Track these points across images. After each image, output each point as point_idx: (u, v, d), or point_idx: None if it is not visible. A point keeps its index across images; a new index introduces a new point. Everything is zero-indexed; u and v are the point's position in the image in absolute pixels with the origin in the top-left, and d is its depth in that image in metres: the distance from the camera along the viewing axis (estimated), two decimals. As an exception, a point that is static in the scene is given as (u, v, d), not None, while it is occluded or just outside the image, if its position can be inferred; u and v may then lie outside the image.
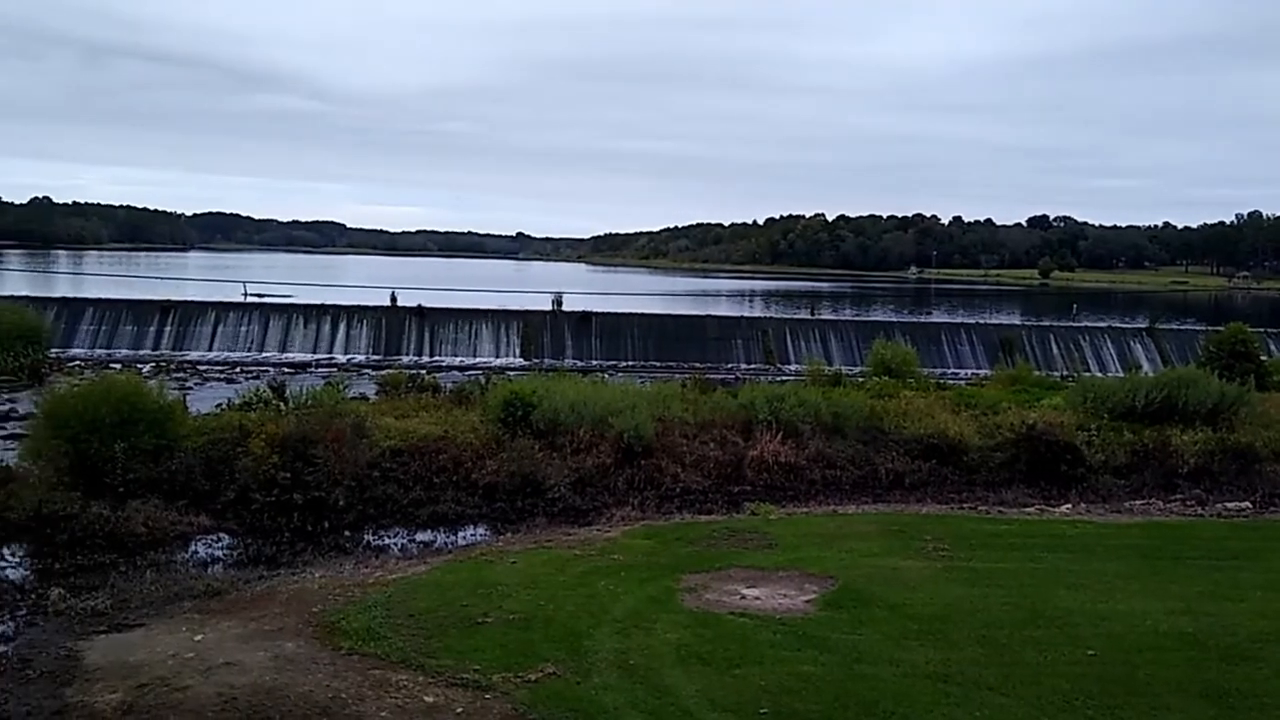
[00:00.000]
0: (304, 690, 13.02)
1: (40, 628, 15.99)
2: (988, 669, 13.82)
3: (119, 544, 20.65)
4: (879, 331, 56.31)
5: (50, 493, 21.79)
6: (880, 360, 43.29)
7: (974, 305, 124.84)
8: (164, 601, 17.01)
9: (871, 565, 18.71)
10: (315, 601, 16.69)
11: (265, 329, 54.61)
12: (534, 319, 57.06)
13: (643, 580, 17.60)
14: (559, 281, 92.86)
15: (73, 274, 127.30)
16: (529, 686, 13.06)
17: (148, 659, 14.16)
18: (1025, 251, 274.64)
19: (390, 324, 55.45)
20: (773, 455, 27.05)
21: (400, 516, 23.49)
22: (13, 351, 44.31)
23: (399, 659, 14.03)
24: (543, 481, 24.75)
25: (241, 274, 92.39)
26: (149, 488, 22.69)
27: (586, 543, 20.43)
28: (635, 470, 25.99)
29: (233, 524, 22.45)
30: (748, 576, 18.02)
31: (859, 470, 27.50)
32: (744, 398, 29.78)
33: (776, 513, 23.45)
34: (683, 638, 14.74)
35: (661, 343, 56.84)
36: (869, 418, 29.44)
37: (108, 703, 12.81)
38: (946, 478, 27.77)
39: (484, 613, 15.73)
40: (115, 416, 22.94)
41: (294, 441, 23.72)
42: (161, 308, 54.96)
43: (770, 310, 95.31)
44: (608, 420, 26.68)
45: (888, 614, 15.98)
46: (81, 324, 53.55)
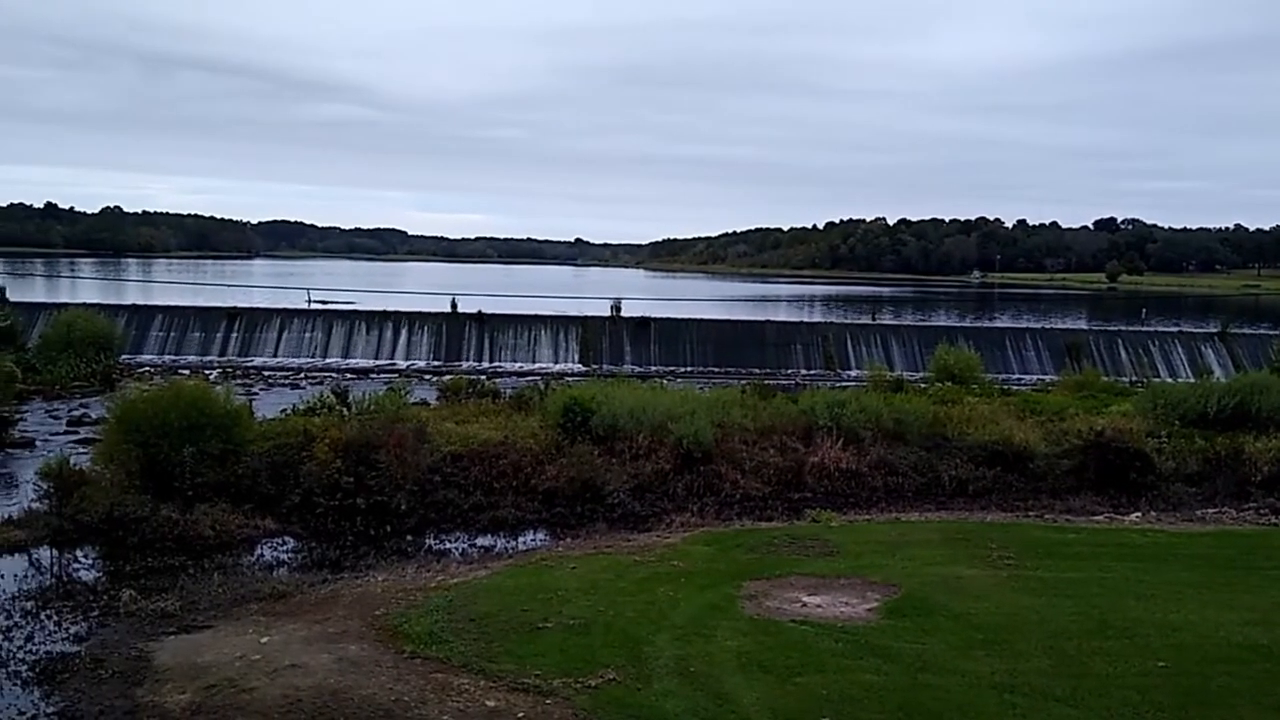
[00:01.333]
0: (367, 693, 13.14)
1: (112, 628, 16.32)
2: (1055, 680, 13.57)
3: (187, 546, 21.04)
4: (941, 336, 55.68)
5: (121, 496, 22.26)
6: (943, 365, 42.86)
7: (1039, 310, 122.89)
8: (231, 604, 17.29)
9: (935, 573, 18.47)
10: (378, 605, 16.86)
11: (328, 335, 55.39)
12: (593, 325, 57.22)
13: (703, 587, 17.54)
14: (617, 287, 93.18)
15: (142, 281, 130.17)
16: (589, 692, 13.07)
17: (215, 660, 14.40)
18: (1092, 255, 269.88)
19: (451, 330, 55.94)
20: (833, 462, 26.83)
21: (461, 521, 23.66)
22: (85, 357, 45.48)
23: (460, 663, 14.11)
24: (602, 487, 24.78)
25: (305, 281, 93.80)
26: (216, 491, 23.10)
27: (646, 549, 20.41)
28: (694, 476, 25.92)
29: (297, 527, 22.76)
30: (809, 584, 17.87)
31: (921, 477, 27.18)
32: (804, 403, 29.58)
33: (837, 520, 23.26)
34: (743, 645, 14.65)
35: (720, 348, 56.71)
36: (932, 424, 29.09)
37: (177, 703, 13.04)
38: (1011, 485, 27.34)
39: (544, 618, 15.78)
40: (184, 421, 23.40)
41: (357, 446, 23.99)
42: (228, 314, 56.00)
43: (830, 315, 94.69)
44: (667, 426, 26.65)
45: (952, 623, 15.76)
46: (151, 330, 54.74)
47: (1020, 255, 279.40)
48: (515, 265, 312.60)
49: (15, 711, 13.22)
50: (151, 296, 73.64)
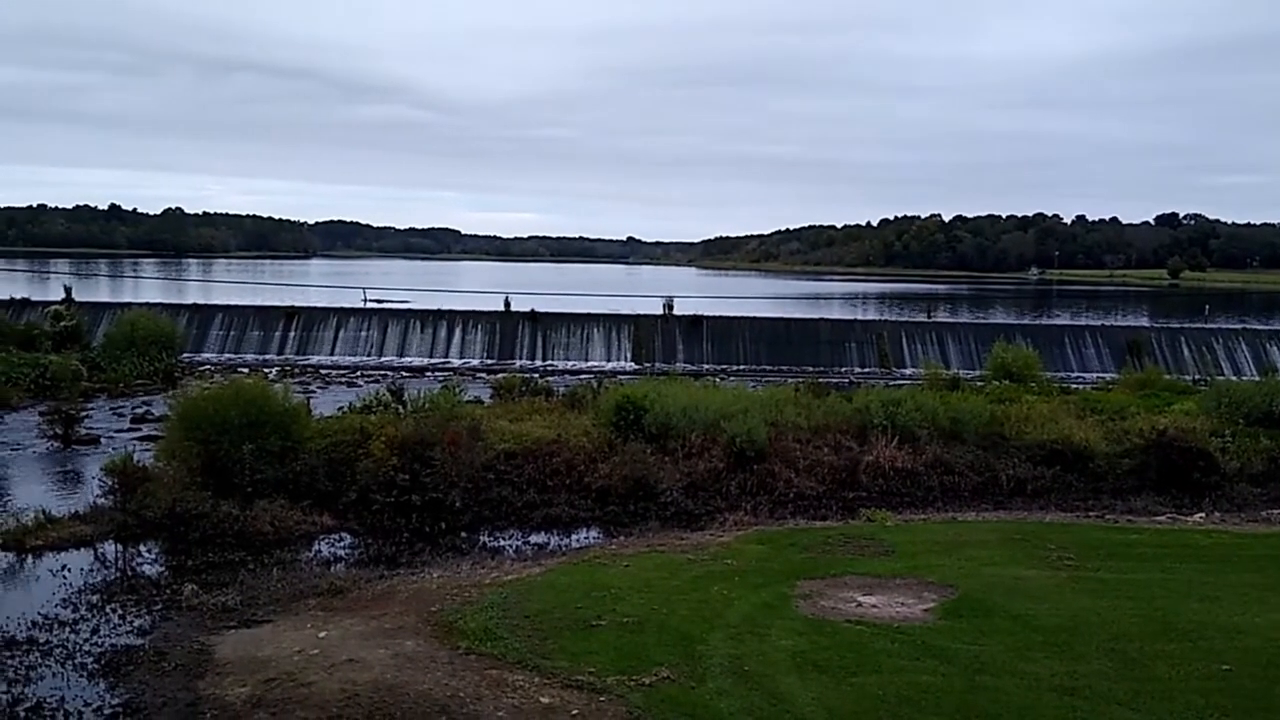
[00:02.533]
0: (423, 688, 13.25)
1: (174, 622, 16.62)
2: (1117, 683, 13.35)
3: (247, 542, 21.36)
4: (998, 334, 54.97)
5: (183, 492, 22.65)
6: (1000, 364, 42.32)
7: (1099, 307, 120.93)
8: (290, 599, 17.54)
9: (993, 574, 18.24)
10: (433, 601, 17.00)
11: (384, 334, 55.98)
12: (645, 323, 57.24)
13: (756, 586, 17.47)
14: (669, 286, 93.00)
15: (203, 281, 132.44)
16: (643, 690, 13.07)
17: (275, 654, 14.61)
18: (1153, 251, 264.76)
19: (504, 329, 56.28)
20: (889, 461, 26.60)
21: (515, 518, 23.78)
22: (148, 356, 46.40)
23: (515, 659, 14.19)
24: (655, 485, 24.77)
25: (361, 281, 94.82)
26: (275, 488, 23.43)
27: (699, 547, 20.38)
28: (748, 475, 25.83)
29: (354, 524, 23.02)
30: (864, 584, 17.74)
31: (979, 476, 26.85)
32: (859, 402, 29.36)
33: (893, 519, 23.07)
34: (798, 644, 14.58)
35: (773, 346, 56.47)
36: (989, 423, 28.73)
37: (238, 696, 13.25)
38: (1071, 485, 26.93)
39: (598, 615, 15.81)
40: (244, 419, 23.76)
41: (412, 444, 24.21)
42: (286, 314, 56.80)
43: (885, 313, 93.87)
44: (720, 425, 26.58)
45: (1011, 624, 15.56)
46: (211, 329, 55.71)
47: (1079, 252, 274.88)
48: (567, 264, 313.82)
49: (82, 703, 13.51)
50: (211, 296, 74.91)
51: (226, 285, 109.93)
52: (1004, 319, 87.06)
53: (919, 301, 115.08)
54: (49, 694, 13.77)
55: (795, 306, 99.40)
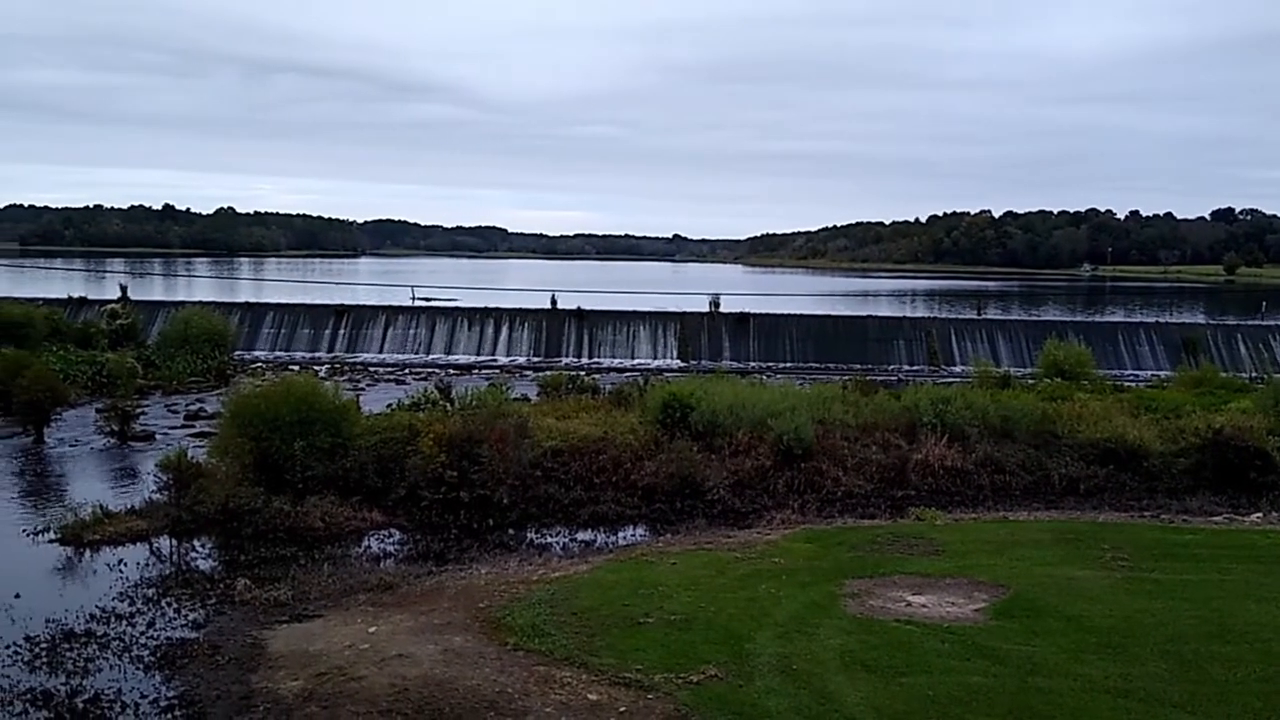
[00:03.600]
0: (472, 684, 13.33)
1: (228, 616, 16.85)
2: (1172, 685, 13.13)
3: (298, 538, 21.62)
4: (1050, 331, 54.22)
5: (236, 488, 22.96)
6: (1052, 361, 41.74)
7: (1153, 304, 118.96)
8: (340, 594, 17.72)
9: (1045, 574, 18.01)
10: (482, 597, 17.09)
11: (432, 332, 56.40)
12: (691, 321, 57.18)
13: (804, 584, 17.38)
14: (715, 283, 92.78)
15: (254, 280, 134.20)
16: (691, 688, 13.05)
17: (326, 649, 14.77)
18: (1209, 246, 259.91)
19: (550, 326, 56.47)
20: (938, 459, 26.34)
21: (562, 515, 23.84)
22: (201, 354, 47.13)
23: (563, 656, 14.23)
24: (701, 483, 24.72)
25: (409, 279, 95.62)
26: (325, 484, 23.69)
27: (746, 545, 20.32)
28: (795, 473, 25.70)
29: (403, 520, 23.20)
30: (913, 583, 17.59)
31: (1030, 475, 26.52)
32: (907, 400, 29.10)
33: (942, 518, 22.86)
34: (846, 644, 14.48)
35: (821, 344, 56.16)
36: (1040, 421, 28.35)
37: (290, 689, 13.41)
38: (1125, 484, 26.52)
39: (645, 613, 15.81)
40: (295, 416, 24.03)
41: (460, 441, 24.35)
42: (336, 312, 57.42)
43: (934, 310, 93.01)
44: (767, 422, 26.47)
45: (1063, 625, 15.36)
46: (263, 327, 56.45)
47: (1133, 248, 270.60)
48: (613, 261, 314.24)
49: (139, 695, 13.74)
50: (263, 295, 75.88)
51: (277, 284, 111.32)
52: (1056, 316, 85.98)
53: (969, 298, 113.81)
54: (107, 685, 14.03)
55: (843, 304, 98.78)
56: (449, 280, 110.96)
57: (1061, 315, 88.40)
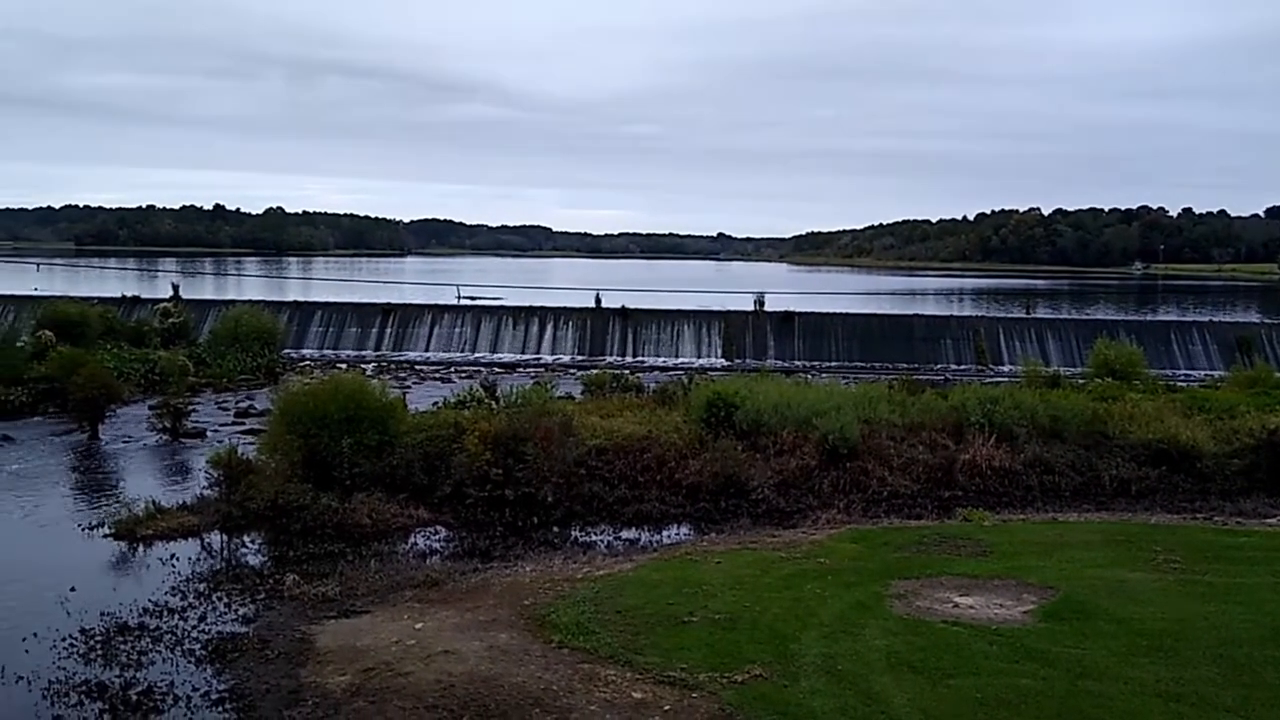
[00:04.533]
0: (517, 681, 13.40)
1: (277, 611, 17.07)
2: (1225, 689, 12.91)
3: (346, 534, 21.84)
4: (1101, 330, 53.41)
5: (285, 484, 23.23)
6: (1103, 361, 41.17)
7: (1206, 302, 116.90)
8: (387, 590, 17.88)
9: (1095, 576, 17.78)
10: (526, 595, 17.17)
11: (477, 330, 56.75)
12: (736, 319, 57.05)
13: (850, 585, 17.28)
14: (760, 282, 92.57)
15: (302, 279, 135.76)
16: (735, 687, 13.02)
17: (373, 644, 14.91)
18: (1263, 244, 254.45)
19: (595, 325, 56.60)
20: (986, 459, 26.06)
21: (606, 514, 23.87)
22: (251, 352, 47.77)
23: (607, 654, 14.25)
24: (746, 482, 24.65)
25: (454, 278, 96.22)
26: (372, 481, 23.91)
27: (791, 545, 20.24)
28: (840, 473, 25.54)
29: (449, 517, 23.35)
30: (960, 584, 17.43)
31: (1080, 476, 26.16)
32: (954, 399, 28.82)
33: (990, 519, 22.63)
34: (892, 644, 14.38)
35: (866, 343, 55.80)
36: (1091, 421, 27.96)
37: (338, 684, 13.56)
38: (1177, 485, 26.08)
39: (689, 612, 15.80)
40: (342, 414, 24.28)
41: (505, 439, 24.46)
42: (383, 310, 57.94)
43: (981, 309, 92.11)
44: (812, 422, 26.33)
45: (1114, 628, 15.14)
46: (311, 326, 57.11)
47: (1185, 245, 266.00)
48: (658, 260, 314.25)
49: (190, 688, 13.95)
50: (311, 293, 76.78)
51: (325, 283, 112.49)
52: (1106, 315, 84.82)
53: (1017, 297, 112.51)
54: (159, 678, 14.26)
55: (889, 302, 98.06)
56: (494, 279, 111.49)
57: (1112, 314, 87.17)
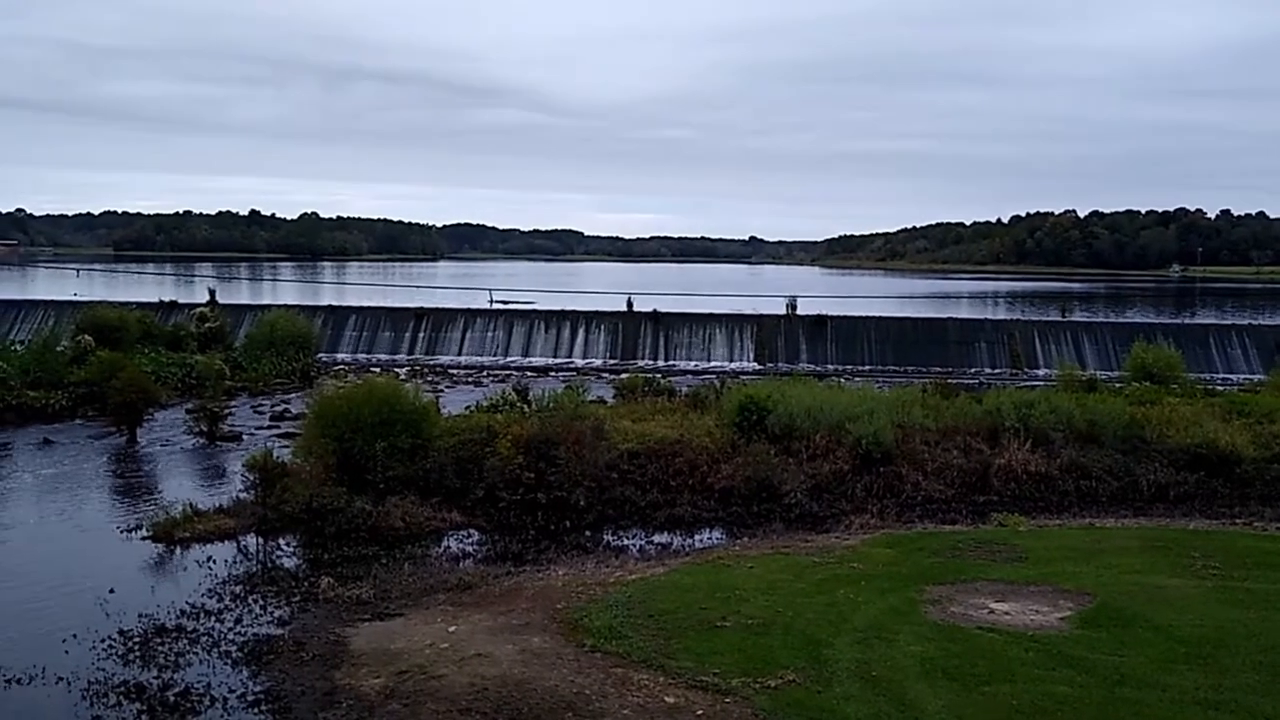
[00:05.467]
0: (550, 684, 13.42)
1: (312, 613, 17.18)
2: (1265, 697, 12.72)
3: (380, 537, 21.96)
4: (1138, 334, 52.69)
5: (319, 488, 23.41)
6: (1140, 364, 40.70)
7: (1245, 305, 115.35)
8: (420, 593, 17.96)
9: (1133, 582, 17.57)
10: (559, 598, 17.19)
11: (509, 334, 56.95)
12: (768, 323, 56.91)
13: (884, 590, 17.17)
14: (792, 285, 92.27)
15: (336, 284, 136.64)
16: (769, 693, 12.97)
17: (407, 647, 14.98)
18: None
19: (626, 329, 56.64)
20: (1021, 464, 25.85)
21: (638, 518, 23.88)
22: (286, 356, 48.19)
23: (640, 658, 14.24)
24: (779, 487, 24.57)
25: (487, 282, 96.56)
26: (405, 484, 24.04)
27: (825, 550, 20.14)
28: (874, 477, 25.42)
29: (482, 521, 23.44)
30: (996, 590, 17.28)
31: (1117, 481, 25.89)
32: (989, 404, 28.60)
33: (1026, 524, 22.42)
34: (927, 650, 14.28)
35: (900, 346, 55.51)
36: (1128, 426, 27.66)
37: (372, 687, 13.63)
38: (1216, 491, 25.77)
39: (722, 616, 15.76)
40: (376, 417, 24.42)
41: (537, 443, 24.54)
42: (416, 315, 58.27)
43: (1016, 312, 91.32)
44: (845, 426, 26.22)
45: (1152, 635, 14.96)
46: (346, 330, 57.54)
47: (1224, 248, 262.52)
48: (689, 264, 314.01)
49: (227, 689, 14.07)
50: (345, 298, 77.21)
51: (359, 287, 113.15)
52: (1144, 318, 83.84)
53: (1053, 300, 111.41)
54: (196, 679, 14.40)
55: (922, 306, 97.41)
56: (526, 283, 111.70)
57: (1150, 317, 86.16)
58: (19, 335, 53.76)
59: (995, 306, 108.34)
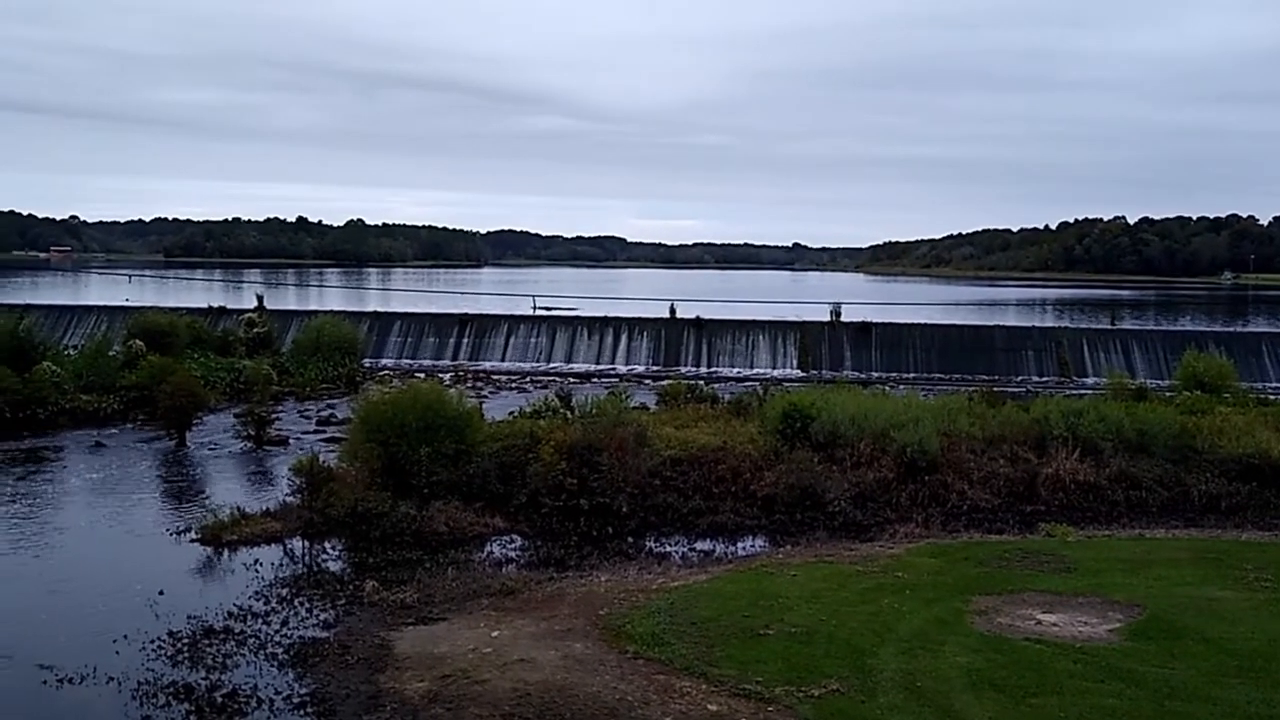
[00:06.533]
0: (592, 690, 13.43)
1: (356, 617, 17.32)
2: (1322, 714, 12.45)
3: (424, 541, 22.09)
4: (1189, 342, 51.89)
5: (365, 492, 23.60)
6: (1191, 373, 40.09)
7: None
8: (464, 598, 18.04)
9: (1184, 594, 17.29)
10: (601, 604, 17.21)
11: (552, 341, 57.14)
12: (811, 330, 56.66)
13: (929, 600, 17.03)
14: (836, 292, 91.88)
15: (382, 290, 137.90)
16: (812, 702, 12.90)
17: (450, 651, 15.06)
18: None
19: (669, 336, 56.65)
20: (1069, 473, 25.51)
21: (680, 524, 23.84)
22: (332, 361, 48.67)
23: (682, 666, 14.22)
24: (822, 495, 24.43)
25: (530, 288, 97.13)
26: (449, 489, 24.17)
27: (869, 559, 20.01)
28: (919, 486, 25.20)
29: (524, 526, 23.52)
30: (1044, 601, 17.07)
31: (1167, 491, 25.47)
32: (1037, 412, 28.26)
33: (1074, 534, 22.15)
34: (973, 661, 14.13)
35: (945, 354, 55.01)
36: (1179, 435, 27.21)
37: (416, 690, 13.72)
38: (1270, 502, 25.25)
39: (765, 624, 15.70)
40: (421, 423, 24.59)
41: (580, 449, 24.58)
42: (460, 321, 58.65)
43: (1064, 319, 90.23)
44: (889, 434, 26.02)
45: (1203, 647, 14.72)
46: (390, 336, 57.97)
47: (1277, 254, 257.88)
48: (732, 270, 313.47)
49: (273, 691, 14.22)
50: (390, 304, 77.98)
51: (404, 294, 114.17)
52: (1195, 326, 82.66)
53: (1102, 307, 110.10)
54: (243, 681, 14.56)
55: (968, 313, 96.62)
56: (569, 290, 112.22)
57: (1201, 325, 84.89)
58: (73, 340, 54.74)
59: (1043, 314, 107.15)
